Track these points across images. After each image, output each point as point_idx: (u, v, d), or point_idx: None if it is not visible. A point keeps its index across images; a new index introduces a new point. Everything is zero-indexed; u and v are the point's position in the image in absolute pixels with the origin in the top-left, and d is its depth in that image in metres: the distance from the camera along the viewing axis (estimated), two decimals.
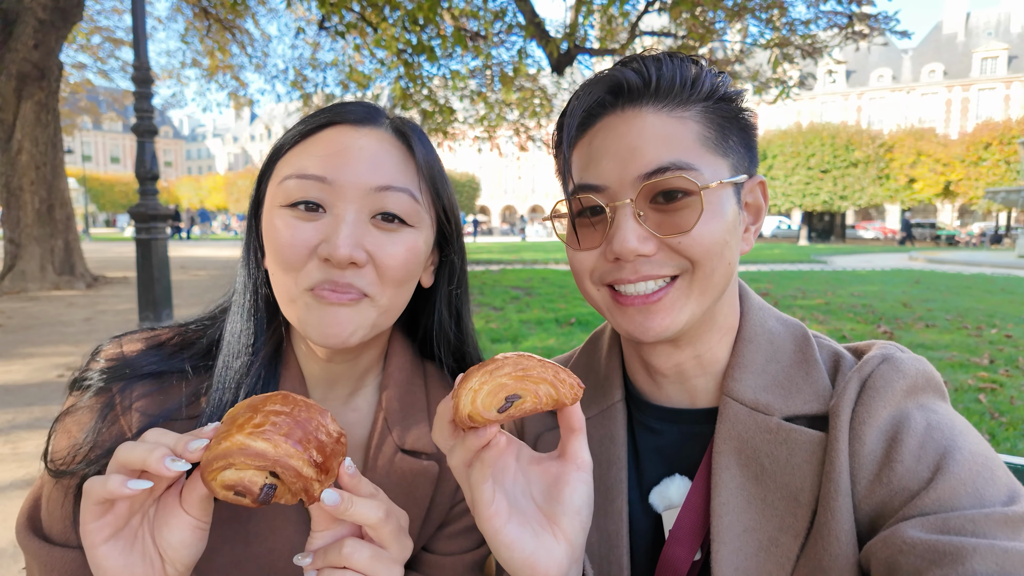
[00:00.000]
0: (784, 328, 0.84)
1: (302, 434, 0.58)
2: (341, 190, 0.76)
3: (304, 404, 0.61)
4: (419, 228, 0.82)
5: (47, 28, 10.45)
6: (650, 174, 0.72)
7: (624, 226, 0.73)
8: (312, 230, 0.76)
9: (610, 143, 0.76)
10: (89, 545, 0.57)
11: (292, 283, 0.77)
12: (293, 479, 0.57)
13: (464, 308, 0.98)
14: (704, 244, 0.73)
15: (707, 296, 0.77)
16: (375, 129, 0.82)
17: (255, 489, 0.56)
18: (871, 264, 20.63)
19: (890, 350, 0.76)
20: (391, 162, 0.80)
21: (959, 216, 57.60)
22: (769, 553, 0.72)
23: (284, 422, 0.58)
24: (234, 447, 0.56)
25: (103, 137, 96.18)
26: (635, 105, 0.76)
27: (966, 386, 5.00)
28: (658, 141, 0.73)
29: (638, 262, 0.75)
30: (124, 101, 25.03)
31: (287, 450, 0.56)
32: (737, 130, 0.78)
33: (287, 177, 0.78)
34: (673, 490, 0.82)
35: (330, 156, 0.77)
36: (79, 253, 12.03)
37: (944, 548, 0.58)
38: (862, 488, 0.68)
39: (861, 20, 11.03)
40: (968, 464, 0.64)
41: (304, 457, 0.57)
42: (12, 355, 6.26)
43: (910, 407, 0.71)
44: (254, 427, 0.57)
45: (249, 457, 0.55)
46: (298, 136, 0.81)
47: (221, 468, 0.56)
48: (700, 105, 0.76)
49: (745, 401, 0.78)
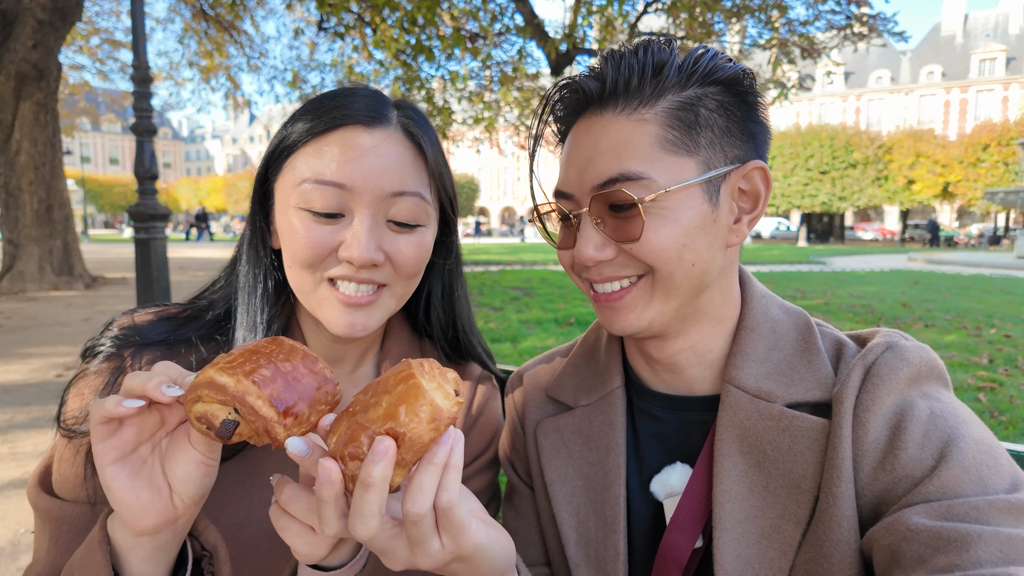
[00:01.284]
0: (787, 316, 0.84)
1: (270, 375, 0.57)
2: (359, 197, 0.81)
3: (291, 350, 0.61)
4: (428, 226, 0.89)
5: (46, 28, 10.44)
6: (600, 186, 0.75)
7: (583, 235, 0.78)
8: (331, 233, 0.81)
9: (573, 151, 0.80)
10: (99, 466, 0.60)
11: (309, 277, 0.83)
12: (251, 416, 0.57)
13: (457, 282, 1.04)
14: (654, 251, 0.74)
15: (672, 296, 0.77)
16: (386, 129, 0.84)
17: (215, 422, 0.57)
18: (870, 265, 20.65)
19: (894, 338, 0.76)
20: (404, 166, 0.84)
21: (958, 217, 57.71)
22: (771, 540, 0.72)
23: (260, 362, 0.58)
24: (203, 380, 0.57)
25: (102, 138, 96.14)
26: (597, 111, 0.78)
27: (966, 385, 5.00)
28: (611, 151, 0.75)
29: (601, 265, 0.78)
30: (123, 102, 25.05)
31: (247, 387, 0.56)
32: (720, 116, 0.75)
33: (305, 180, 0.81)
34: (674, 478, 0.82)
35: (347, 163, 0.81)
36: (78, 254, 12.01)
37: (948, 535, 0.58)
38: (865, 475, 0.68)
39: (859, 21, 11.06)
40: (972, 452, 0.64)
41: (263, 396, 0.56)
42: (10, 355, 6.25)
43: (914, 395, 0.70)
44: (227, 363, 0.58)
45: (212, 390, 0.57)
46: (308, 134, 0.83)
47: (193, 400, 0.58)
48: (667, 99, 0.74)
49: (747, 388, 0.78)
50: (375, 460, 0.51)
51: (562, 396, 0.95)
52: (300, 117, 0.85)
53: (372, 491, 0.52)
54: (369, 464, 0.51)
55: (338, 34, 10.97)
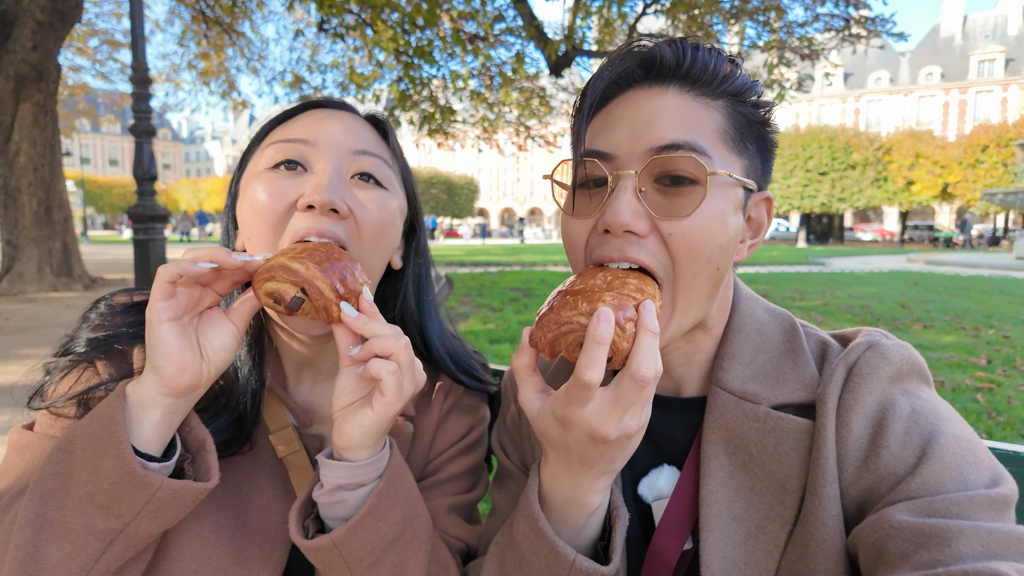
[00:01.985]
0: (772, 318, 0.85)
1: (330, 267, 0.72)
2: (322, 150, 0.84)
3: (339, 253, 0.76)
4: (392, 192, 0.90)
5: (45, 30, 10.44)
6: (662, 148, 0.71)
7: (621, 198, 0.71)
8: (294, 187, 0.82)
9: (628, 113, 0.74)
10: (155, 321, 0.68)
11: (271, 239, 0.82)
12: (316, 296, 0.71)
13: (425, 287, 1.03)
14: (694, 239, 0.70)
15: (691, 307, 0.74)
16: (351, 113, 0.91)
17: (287, 297, 0.71)
18: (869, 266, 20.65)
19: (875, 337, 0.77)
20: (367, 134, 0.90)
21: (957, 218, 57.71)
22: (757, 541, 0.72)
23: (320, 256, 0.72)
24: (276, 264, 0.71)
25: (101, 139, 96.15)
26: (662, 83, 0.74)
27: (964, 386, 5.00)
28: (676, 120, 0.72)
29: (625, 239, 0.72)
30: (122, 103, 25.05)
31: (315, 273, 0.71)
32: (756, 138, 0.77)
33: (269, 145, 0.85)
34: (662, 480, 0.83)
35: (312, 124, 0.86)
36: (77, 255, 12.00)
37: (931, 531, 0.58)
38: (849, 474, 0.69)
39: (858, 23, 11.07)
40: (952, 448, 0.65)
41: (327, 282, 0.71)
42: (9, 356, 6.25)
43: (895, 393, 0.71)
44: (295, 254, 0.72)
45: (286, 272, 0.70)
46: (276, 123, 0.89)
47: (266, 279, 0.71)
48: (727, 99, 0.75)
49: (733, 390, 0.78)
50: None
51: None
52: (269, 119, 0.91)
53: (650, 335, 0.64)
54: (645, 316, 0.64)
55: (338, 35, 10.98)
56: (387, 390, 0.72)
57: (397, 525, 0.77)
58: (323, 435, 0.94)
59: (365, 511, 0.74)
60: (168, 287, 0.67)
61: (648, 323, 0.63)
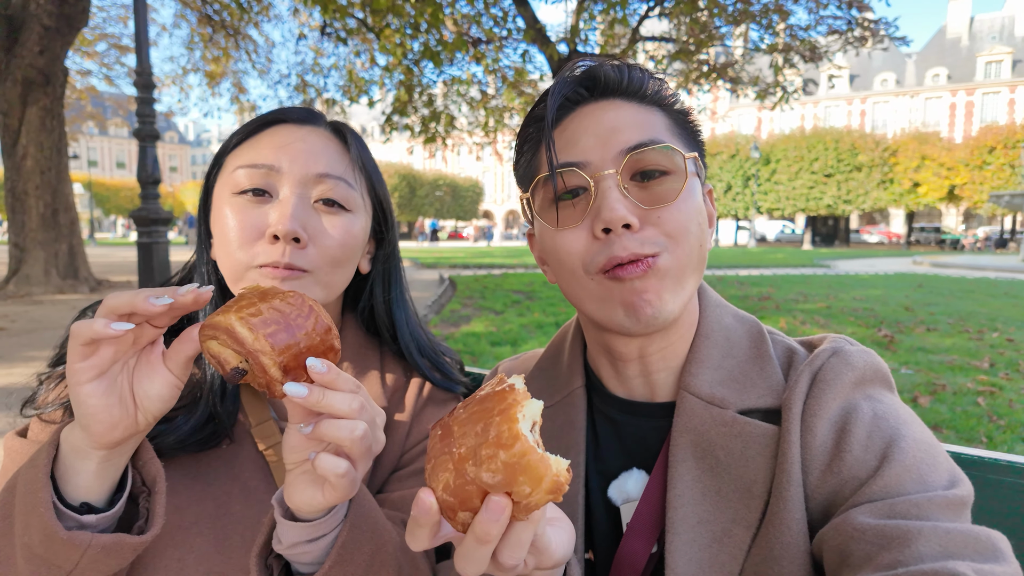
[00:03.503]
0: (740, 324, 0.86)
1: (286, 338, 0.61)
2: (286, 176, 0.87)
3: (307, 310, 0.64)
4: (356, 213, 0.92)
5: (52, 34, 10.53)
6: (633, 147, 0.76)
7: (610, 195, 0.74)
8: (260, 214, 0.86)
9: (589, 124, 0.79)
10: (74, 384, 0.62)
11: (239, 263, 0.86)
12: (260, 373, 0.61)
13: (394, 284, 1.05)
14: (683, 220, 0.76)
15: (684, 279, 0.77)
16: (315, 127, 0.93)
17: (226, 366, 0.62)
18: (874, 268, 20.56)
19: (840, 343, 0.78)
20: (329, 154, 0.92)
21: (964, 220, 57.39)
22: (722, 544, 0.73)
23: (276, 320, 0.61)
24: (223, 324, 0.61)
25: (109, 142, 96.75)
26: (607, 98, 0.81)
27: (965, 389, 4.98)
28: (635, 124, 0.78)
29: (624, 236, 0.74)
30: (129, 107, 25.17)
31: (263, 346, 0.60)
32: (693, 137, 0.84)
33: (237, 168, 0.88)
34: (631, 484, 0.84)
35: (276, 148, 0.88)
36: (83, 257, 12.09)
37: (891, 532, 0.60)
38: (814, 479, 0.70)
39: (861, 26, 11.06)
40: (912, 451, 0.67)
41: (274, 359, 0.61)
42: (15, 358, 6.30)
43: (858, 398, 0.73)
44: (249, 314, 0.61)
45: (231, 339, 0.61)
46: (244, 135, 0.91)
47: (210, 336, 0.62)
48: (661, 107, 0.82)
49: (701, 395, 0.79)
50: (493, 519, 0.49)
51: None
52: (239, 130, 0.93)
53: (488, 546, 0.51)
54: (488, 524, 0.49)
55: (340, 39, 11.04)
56: (338, 488, 0.64)
57: (365, 563, 0.75)
58: None
59: (330, 564, 0.71)
60: (84, 348, 0.61)
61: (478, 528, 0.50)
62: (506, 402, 0.52)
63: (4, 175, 11.13)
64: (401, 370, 1.05)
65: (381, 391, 0.99)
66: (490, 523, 0.49)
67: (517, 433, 0.50)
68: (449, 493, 0.51)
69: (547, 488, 0.49)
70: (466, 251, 32.69)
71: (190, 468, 0.85)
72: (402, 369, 1.05)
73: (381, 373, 1.02)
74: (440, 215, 60.05)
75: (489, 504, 0.49)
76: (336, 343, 0.66)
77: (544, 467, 0.49)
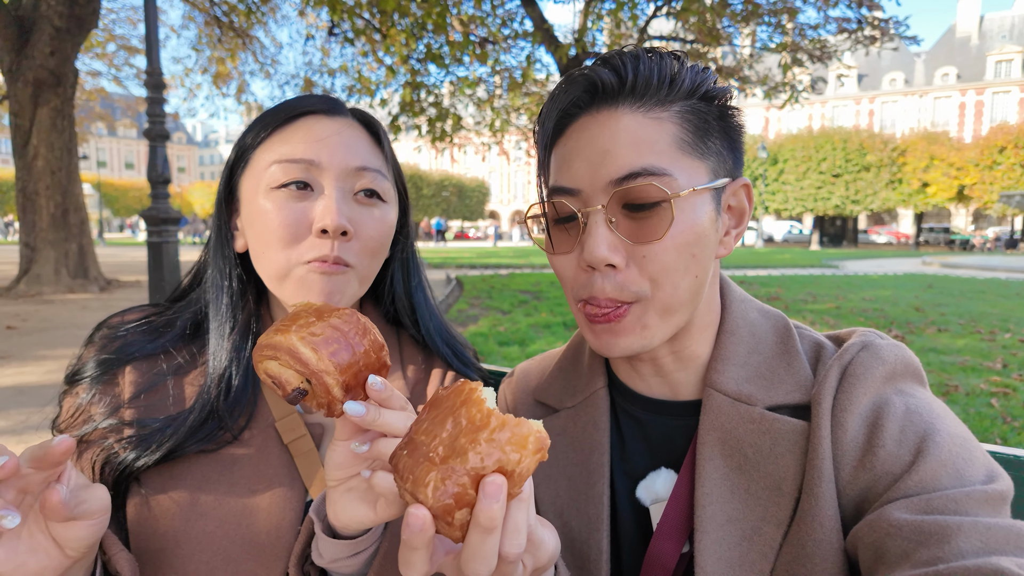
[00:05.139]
0: (766, 320, 0.85)
1: (348, 357, 0.61)
2: (326, 171, 0.86)
3: (363, 329, 0.64)
4: (390, 203, 0.93)
5: (63, 35, 10.62)
6: (621, 179, 0.71)
7: (596, 233, 0.72)
8: (304, 208, 0.85)
9: (583, 145, 0.74)
10: None
11: (285, 259, 0.85)
12: (323, 393, 0.61)
13: (414, 270, 1.06)
14: (668, 259, 0.71)
15: (673, 314, 0.75)
16: (344, 117, 0.93)
17: (287, 388, 0.60)
18: (883, 269, 20.43)
19: (869, 337, 0.76)
20: (365, 146, 0.92)
21: (973, 220, 56.95)
22: (752, 543, 0.72)
23: (337, 339, 0.61)
24: (285, 344, 0.60)
25: (118, 143, 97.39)
26: (611, 105, 0.74)
27: (978, 390, 4.94)
28: (631, 144, 0.71)
29: (605, 274, 0.73)
30: (138, 108, 25.36)
31: (327, 366, 0.59)
32: (719, 132, 0.76)
33: (273, 163, 0.86)
34: (659, 484, 0.82)
35: (313, 143, 0.87)
36: (93, 257, 12.17)
37: (929, 528, 0.58)
38: (846, 475, 0.69)
39: (871, 25, 10.99)
40: (948, 445, 0.65)
41: (338, 379, 0.60)
42: (26, 357, 6.35)
43: (889, 392, 0.71)
44: (310, 334, 0.60)
45: (293, 359, 0.59)
46: (272, 128, 0.89)
47: (268, 357, 0.61)
48: (680, 104, 0.74)
49: (728, 392, 0.78)
50: (494, 500, 0.48)
51: (548, 399, 0.96)
52: (260, 120, 0.91)
53: (494, 534, 0.50)
54: (490, 506, 0.48)
55: (348, 39, 11.06)
56: (393, 505, 0.62)
57: None
58: (324, 423, 0.94)
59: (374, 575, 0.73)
60: None
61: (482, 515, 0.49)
62: (464, 393, 0.54)
63: (15, 175, 11.22)
64: (421, 359, 1.04)
65: (403, 384, 0.99)
66: (492, 505, 0.48)
67: (488, 411, 0.51)
68: (442, 496, 0.50)
69: (533, 448, 0.50)
70: (472, 251, 32.69)
71: (212, 467, 0.84)
72: (422, 358, 1.04)
73: (402, 365, 1.02)
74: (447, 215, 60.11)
75: (485, 487, 0.48)
76: (388, 359, 0.65)
77: (525, 428, 0.50)
